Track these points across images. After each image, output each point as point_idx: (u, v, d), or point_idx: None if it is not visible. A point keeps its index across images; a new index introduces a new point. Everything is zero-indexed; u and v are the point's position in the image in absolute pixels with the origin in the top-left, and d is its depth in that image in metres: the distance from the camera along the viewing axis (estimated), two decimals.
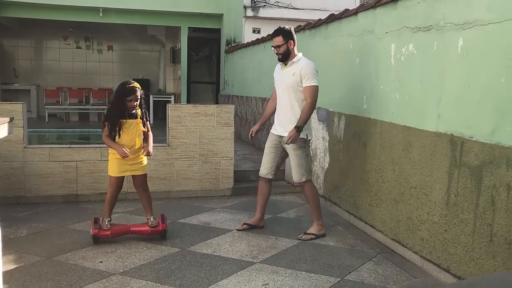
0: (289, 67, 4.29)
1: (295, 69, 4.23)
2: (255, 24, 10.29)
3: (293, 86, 4.23)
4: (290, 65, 4.28)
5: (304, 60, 4.29)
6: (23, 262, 3.65)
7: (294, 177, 4.35)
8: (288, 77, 4.26)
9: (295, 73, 4.22)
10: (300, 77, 4.19)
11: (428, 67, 3.60)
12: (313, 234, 4.34)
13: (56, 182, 5.31)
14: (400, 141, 3.95)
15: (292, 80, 4.23)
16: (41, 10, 11.11)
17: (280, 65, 4.42)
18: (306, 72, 4.18)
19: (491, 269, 2.99)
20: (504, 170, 2.87)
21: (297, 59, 4.28)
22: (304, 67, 4.21)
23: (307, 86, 4.19)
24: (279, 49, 4.25)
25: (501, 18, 2.90)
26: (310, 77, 4.18)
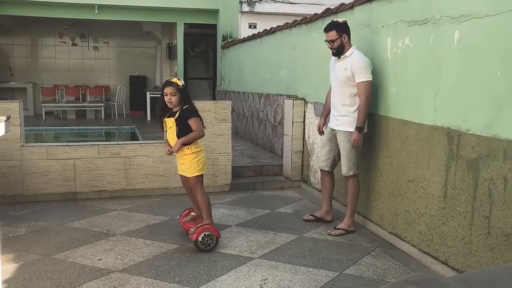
0: (341, 61, 4.22)
1: (347, 64, 4.15)
2: (251, 19, 10.27)
3: (345, 81, 4.18)
4: (343, 59, 4.21)
5: (356, 54, 4.17)
6: (22, 260, 3.65)
7: (342, 169, 4.33)
8: (340, 72, 4.21)
9: (346, 68, 4.14)
10: (351, 72, 4.11)
11: (424, 61, 3.60)
12: (343, 230, 4.33)
13: (54, 180, 5.30)
14: (397, 134, 3.96)
15: (343, 75, 4.17)
16: (36, 7, 11.07)
17: (335, 58, 4.35)
18: (358, 67, 4.08)
19: (489, 261, 3.01)
20: (501, 162, 2.88)
21: (349, 53, 4.18)
22: (356, 62, 4.11)
23: (359, 82, 4.09)
24: (333, 43, 4.19)
25: (497, 10, 2.90)
26: (362, 72, 4.07)
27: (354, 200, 4.38)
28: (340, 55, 4.23)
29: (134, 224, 4.53)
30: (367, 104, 4.10)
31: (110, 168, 5.43)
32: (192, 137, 3.86)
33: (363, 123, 4.14)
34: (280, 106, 6.90)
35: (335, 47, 4.20)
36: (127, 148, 5.52)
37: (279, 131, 6.95)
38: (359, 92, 4.12)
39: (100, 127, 11.15)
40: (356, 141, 4.11)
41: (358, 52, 4.19)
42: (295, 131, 6.03)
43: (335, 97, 4.34)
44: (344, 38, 4.17)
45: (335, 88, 4.35)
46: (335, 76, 4.32)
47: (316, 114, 5.62)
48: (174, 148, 3.85)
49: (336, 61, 4.32)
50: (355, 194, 4.37)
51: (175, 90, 3.80)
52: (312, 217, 4.65)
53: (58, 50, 14.26)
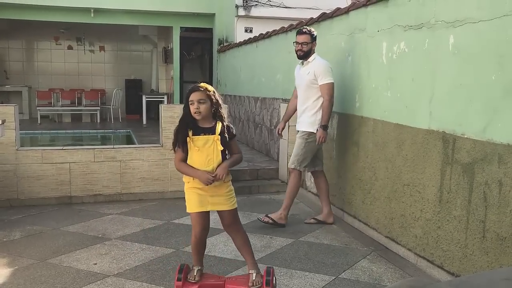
0: (305, 67, 4.55)
1: (310, 69, 4.47)
2: (247, 24, 10.29)
3: (308, 85, 4.48)
4: (306, 65, 4.54)
5: (318, 59, 4.51)
6: (17, 265, 3.63)
7: (289, 162, 4.69)
8: (304, 76, 4.52)
9: (309, 72, 4.46)
10: (314, 76, 4.42)
11: (419, 65, 3.62)
12: (272, 220, 4.55)
13: (49, 184, 5.28)
14: (392, 139, 3.97)
15: (307, 79, 4.47)
16: (32, 11, 11.05)
17: (299, 65, 4.68)
18: (320, 71, 4.41)
19: (484, 265, 3.02)
20: (496, 166, 2.89)
21: (312, 58, 4.52)
22: (318, 66, 4.44)
23: (322, 84, 4.41)
24: (305, 46, 4.47)
25: (491, 15, 2.92)
26: (324, 75, 4.41)
27: (292, 195, 4.63)
28: (304, 59, 4.54)
29: (130, 228, 4.51)
30: (330, 104, 4.44)
31: (106, 172, 5.42)
32: (235, 161, 3.08)
33: (327, 121, 4.46)
34: (276, 110, 6.91)
35: (305, 50, 4.48)
36: (122, 152, 5.51)
37: (275, 135, 6.95)
38: (322, 93, 4.43)
39: (95, 130, 11.14)
40: (321, 138, 4.41)
41: (319, 58, 4.55)
42: (291, 135, 6.03)
43: (300, 101, 4.63)
44: (314, 45, 4.52)
45: (300, 93, 4.63)
46: (300, 80, 4.61)
47: None
48: (220, 174, 2.93)
49: (300, 68, 4.64)
50: (292, 189, 4.61)
51: (204, 97, 2.95)
52: (314, 220, 4.75)
53: (54, 53, 14.24)
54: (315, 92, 4.47)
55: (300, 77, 4.60)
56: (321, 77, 4.41)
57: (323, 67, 4.43)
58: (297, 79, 4.69)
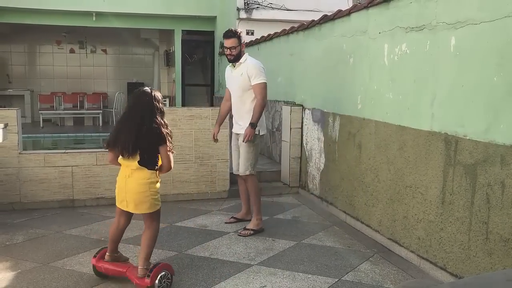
0: (237, 68, 4.49)
1: (243, 70, 4.43)
2: (248, 26, 10.29)
3: (242, 86, 4.44)
4: (238, 66, 4.48)
5: (250, 60, 4.49)
6: (20, 268, 3.64)
7: (240, 169, 4.55)
8: (237, 78, 4.46)
9: (242, 73, 4.42)
10: (248, 76, 4.39)
11: (421, 67, 3.62)
12: (252, 230, 4.47)
13: (51, 188, 5.29)
14: (394, 140, 3.97)
15: (241, 80, 4.43)
16: (34, 15, 11.09)
17: (229, 67, 4.61)
18: (253, 71, 4.38)
19: (487, 267, 3.01)
20: (499, 168, 2.88)
21: (243, 59, 4.48)
22: (251, 66, 4.41)
23: (255, 84, 4.38)
24: (234, 50, 4.42)
25: (492, 17, 2.92)
26: (257, 75, 4.38)
27: (256, 199, 4.56)
28: (236, 62, 4.49)
29: (132, 231, 4.51)
30: (263, 104, 4.40)
31: (108, 175, 5.42)
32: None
33: (257, 120, 4.38)
34: (278, 112, 6.91)
35: (235, 54, 4.43)
36: None
37: (277, 137, 6.95)
38: (255, 93, 4.40)
39: (98, 134, 11.14)
40: (248, 136, 4.33)
41: (251, 58, 4.54)
42: (293, 137, 6.04)
43: (236, 104, 4.58)
44: (242, 46, 4.48)
45: (235, 96, 4.57)
46: (233, 82, 4.56)
47: (313, 120, 5.63)
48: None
49: (231, 70, 4.57)
50: (256, 193, 4.57)
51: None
52: (234, 219, 4.81)
53: (56, 57, 14.28)
54: (251, 93, 4.43)
55: (233, 79, 4.54)
56: (254, 77, 4.37)
57: (255, 68, 4.40)
58: (230, 82, 4.63)
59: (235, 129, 4.64)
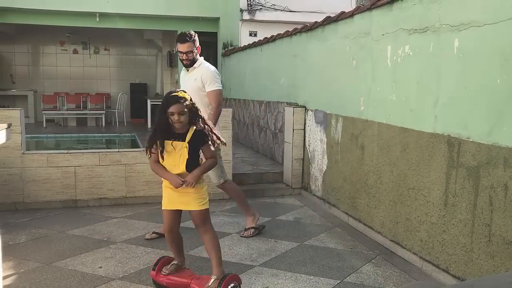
0: (191, 73, 4.30)
1: (197, 75, 4.25)
2: (251, 27, 10.31)
3: (196, 91, 4.17)
4: (192, 70, 4.30)
5: (205, 65, 4.31)
6: (23, 268, 3.65)
7: (213, 180, 4.36)
8: (191, 83, 4.26)
9: (196, 78, 4.24)
10: (202, 82, 4.21)
11: (424, 69, 3.62)
12: (252, 228, 4.44)
13: (54, 188, 5.30)
14: (397, 142, 3.97)
15: (194, 86, 4.22)
16: (38, 15, 11.13)
17: (184, 70, 4.42)
18: (208, 77, 4.21)
19: (490, 269, 3.00)
20: (502, 170, 2.88)
21: (198, 64, 4.30)
22: (205, 72, 4.24)
23: (210, 90, 4.22)
24: (190, 54, 4.22)
25: (496, 19, 2.91)
26: (212, 82, 4.21)
27: (241, 199, 4.49)
28: (191, 67, 4.28)
29: (135, 232, 4.52)
30: (218, 111, 4.24)
31: (111, 176, 5.43)
32: (207, 167, 3.19)
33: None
34: (280, 113, 6.92)
35: (191, 58, 4.23)
36: (127, 156, 5.53)
37: (280, 138, 6.95)
38: (210, 100, 4.23)
39: (100, 134, 11.17)
40: None
41: (206, 63, 4.34)
42: (295, 138, 6.04)
43: None
44: (198, 50, 4.27)
45: None
46: (186, 87, 4.20)
47: (316, 122, 5.63)
48: (189, 181, 3.04)
49: (185, 74, 4.38)
50: (239, 195, 4.48)
51: (184, 108, 2.98)
52: (155, 234, 4.38)
53: (59, 57, 14.32)
54: (205, 100, 4.23)
55: (187, 83, 4.28)
56: (209, 84, 4.20)
57: (210, 73, 4.23)
58: (183, 86, 4.32)
59: None
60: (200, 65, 4.30)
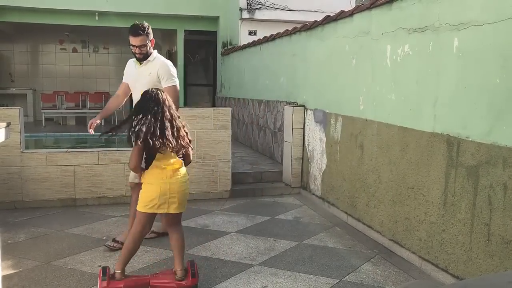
0: (144, 66, 4.05)
1: (152, 69, 4.03)
2: (251, 26, 10.31)
3: (150, 86, 3.85)
4: (146, 64, 4.04)
5: (160, 59, 4.09)
6: (22, 267, 3.65)
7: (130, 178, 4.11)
8: (144, 77, 4.02)
9: (151, 72, 4.01)
10: (157, 77, 4.01)
11: (424, 68, 3.62)
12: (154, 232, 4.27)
13: (53, 187, 5.30)
14: (397, 141, 3.97)
15: (148, 80, 4.00)
16: (37, 14, 11.11)
17: (134, 62, 4.13)
18: (165, 72, 4.01)
19: (489, 268, 3.00)
20: (501, 169, 2.88)
21: (152, 57, 4.06)
22: (162, 67, 4.02)
23: (167, 86, 4.00)
24: (144, 48, 3.96)
25: (495, 18, 2.91)
26: (168, 77, 4.02)
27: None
28: (144, 60, 4.04)
29: None
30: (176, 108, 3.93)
31: (110, 175, 5.43)
32: None
33: None
34: (280, 112, 6.91)
35: (144, 52, 3.98)
36: (127, 155, 5.51)
37: (279, 137, 6.95)
38: None
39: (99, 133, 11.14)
40: None
41: (161, 57, 4.14)
42: (294, 137, 6.04)
43: None
44: (151, 43, 4.03)
45: (137, 94, 3.94)
46: (138, 81, 4.04)
47: (315, 121, 5.63)
48: None
49: (136, 66, 4.10)
50: None
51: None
52: (154, 234, 4.27)
53: (59, 56, 14.30)
54: None
55: (138, 77, 4.05)
56: (167, 79, 4.00)
57: (167, 68, 4.02)
58: (133, 79, 4.11)
59: None
60: (155, 58, 4.06)
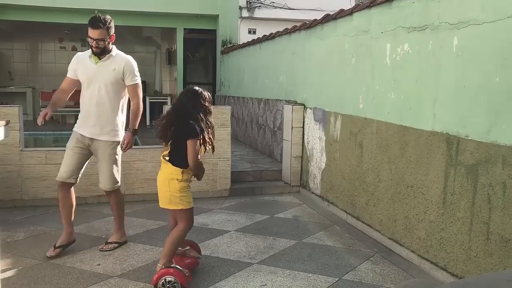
0: (105, 61, 3.81)
1: (116, 64, 3.82)
2: (250, 25, 10.30)
3: (113, 83, 3.81)
4: (107, 59, 3.82)
5: (123, 55, 3.93)
6: (21, 265, 3.65)
7: (107, 184, 3.92)
8: (107, 73, 3.79)
9: (115, 68, 3.81)
10: (122, 74, 3.83)
11: (423, 67, 3.62)
12: (116, 243, 4.04)
13: (53, 185, 5.27)
14: (396, 140, 3.97)
15: (112, 76, 3.79)
16: (36, 12, 11.09)
17: (89, 57, 3.85)
18: (130, 69, 3.87)
19: (488, 267, 3.01)
20: (500, 168, 2.88)
21: (114, 52, 3.87)
22: (127, 63, 3.87)
23: (132, 84, 3.88)
24: (101, 43, 3.74)
25: (495, 17, 2.91)
26: (133, 74, 3.88)
27: (122, 213, 4.11)
28: (102, 55, 3.81)
29: (133, 229, 4.52)
30: (141, 106, 3.94)
31: None
32: None
33: (137, 125, 3.89)
34: (279, 111, 6.91)
35: (101, 47, 3.75)
36: (126, 153, 5.50)
37: (279, 136, 6.95)
38: (132, 95, 3.91)
39: None
40: (130, 144, 3.81)
41: (122, 53, 3.96)
42: (294, 136, 6.04)
43: (97, 103, 3.81)
44: (111, 38, 3.84)
45: (95, 92, 3.81)
46: (96, 77, 3.80)
47: (315, 119, 5.63)
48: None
49: (93, 61, 3.82)
50: (122, 207, 4.10)
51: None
52: (60, 249, 3.85)
53: (58, 55, 14.28)
54: (120, 92, 3.86)
55: (99, 72, 3.79)
56: (132, 77, 3.85)
57: (132, 65, 3.88)
58: (90, 74, 3.81)
59: (88, 132, 3.82)
60: (117, 54, 3.88)
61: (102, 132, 3.83)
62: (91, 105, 3.83)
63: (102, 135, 3.84)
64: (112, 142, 3.88)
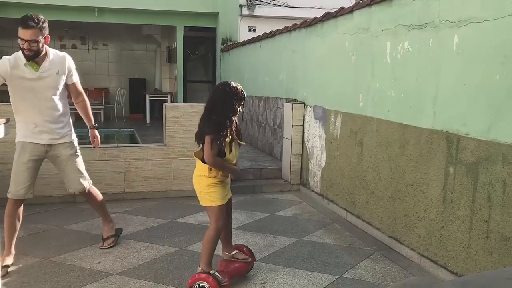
0: (47, 67, 3.56)
1: (58, 67, 3.61)
2: (250, 23, 10.29)
3: (57, 86, 3.63)
4: (47, 64, 3.56)
5: (59, 53, 3.70)
6: (21, 263, 3.65)
7: (78, 186, 3.85)
8: (51, 80, 3.59)
9: (59, 71, 3.62)
10: (66, 73, 3.69)
11: (423, 65, 3.62)
12: (112, 236, 4.03)
13: (53, 183, 5.29)
14: (396, 138, 3.97)
15: (58, 80, 3.62)
16: (36, 10, 11.01)
17: (25, 65, 3.51)
18: (72, 67, 3.74)
19: (487, 265, 3.01)
20: (500, 166, 2.88)
21: (51, 54, 3.60)
22: (69, 60, 3.71)
23: (74, 82, 3.77)
24: (33, 45, 3.41)
25: (495, 15, 2.91)
26: (75, 72, 3.78)
27: (103, 208, 4.07)
28: (35, 58, 3.50)
29: (133, 227, 4.53)
30: (87, 100, 3.96)
31: (109, 171, 5.43)
32: None
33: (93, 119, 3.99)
34: (279, 109, 6.91)
35: (34, 49, 3.43)
36: (126, 151, 5.52)
37: (279, 134, 6.95)
38: (76, 92, 3.82)
39: (99, 129, 11.13)
40: (99, 137, 3.99)
41: (55, 50, 3.73)
42: (294, 134, 6.04)
43: (45, 109, 3.62)
44: (46, 40, 3.52)
45: (42, 100, 3.59)
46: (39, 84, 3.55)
47: (315, 117, 5.63)
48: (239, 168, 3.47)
49: (30, 67, 3.51)
50: (102, 202, 4.06)
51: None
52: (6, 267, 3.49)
53: None
54: (64, 93, 3.73)
55: (41, 79, 3.53)
56: (74, 73, 3.74)
57: (72, 62, 3.74)
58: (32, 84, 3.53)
59: (46, 139, 3.67)
60: (53, 54, 3.63)
61: (61, 135, 3.74)
62: (42, 114, 3.62)
63: (62, 138, 3.75)
64: (71, 142, 3.84)
